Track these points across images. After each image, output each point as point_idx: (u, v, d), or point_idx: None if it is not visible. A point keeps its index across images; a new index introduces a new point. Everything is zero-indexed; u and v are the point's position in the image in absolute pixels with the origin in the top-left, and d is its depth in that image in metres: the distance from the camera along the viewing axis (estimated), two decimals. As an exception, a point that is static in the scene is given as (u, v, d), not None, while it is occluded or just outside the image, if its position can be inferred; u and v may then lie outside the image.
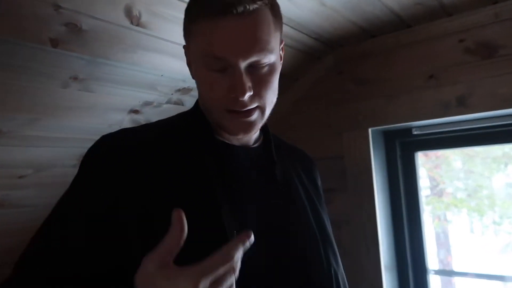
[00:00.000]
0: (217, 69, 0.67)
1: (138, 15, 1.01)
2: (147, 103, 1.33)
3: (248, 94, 0.67)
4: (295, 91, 1.72)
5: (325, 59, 1.63)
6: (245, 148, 0.79)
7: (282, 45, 0.77)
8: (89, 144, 0.73)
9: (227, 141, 0.78)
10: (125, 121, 1.34)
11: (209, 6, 0.65)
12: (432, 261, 1.62)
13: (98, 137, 0.73)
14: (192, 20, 0.69)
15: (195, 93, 1.36)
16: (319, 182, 0.96)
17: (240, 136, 0.74)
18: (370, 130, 1.54)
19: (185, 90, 1.37)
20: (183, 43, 0.76)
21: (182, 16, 0.72)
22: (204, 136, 0.76)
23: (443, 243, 4.32)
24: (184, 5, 0.72)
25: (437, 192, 4.30)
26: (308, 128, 1.69)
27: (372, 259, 1.50)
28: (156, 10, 1.02)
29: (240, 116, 0.70)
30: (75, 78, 1.08)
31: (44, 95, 1.08)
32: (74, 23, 0.94)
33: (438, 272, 1.62)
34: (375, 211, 1.51)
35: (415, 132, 1.58)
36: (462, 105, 1.36)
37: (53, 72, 1.03)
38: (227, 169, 0.74)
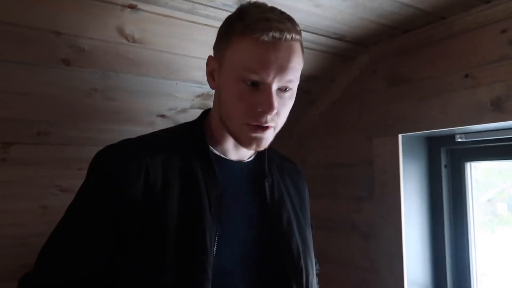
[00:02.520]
0: (249, 83, 0.75)
1: (131, 33, 1.14)
2: (171, 109, 1.46)
3: (275, 112, 0.75)
4: (331, 93, 1.66)
5: (359, 59, 1.54)
6: (239, 162, 0.87)
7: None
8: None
9: (222, 155, 0.85)
10: (157, 122, 1.49)
11: (262, 28, 0.72)
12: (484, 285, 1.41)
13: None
14: (237, 34, 0.75)
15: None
16: (306, 195, 1.00)
17: (252, 149, 0.81)
18: (400, 136, 1.41)
19: (205, 96, 1.46)
20: (182, 53, 0.88)
21: (170, 29, 0.83)
22: (200, 148, 0.83)
23: None
24: (169, 20, 0.89)
25: None
26: (340, 132, 1.62)
27: (395, 275, 1.38)
28: (146, 27, 1.14)
29: (257, 131, 0.77)
30: (95, 90, 1.27)
31: (80, 104, 1.29)
32: (77, 45, 1.12)
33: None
34: (400, 224, 1.38)
35: (459, 139, 1.39)
36: (498, 110, 1.15)
37: (75, 85, 1.23)
38: (216, 180, 0.80)
